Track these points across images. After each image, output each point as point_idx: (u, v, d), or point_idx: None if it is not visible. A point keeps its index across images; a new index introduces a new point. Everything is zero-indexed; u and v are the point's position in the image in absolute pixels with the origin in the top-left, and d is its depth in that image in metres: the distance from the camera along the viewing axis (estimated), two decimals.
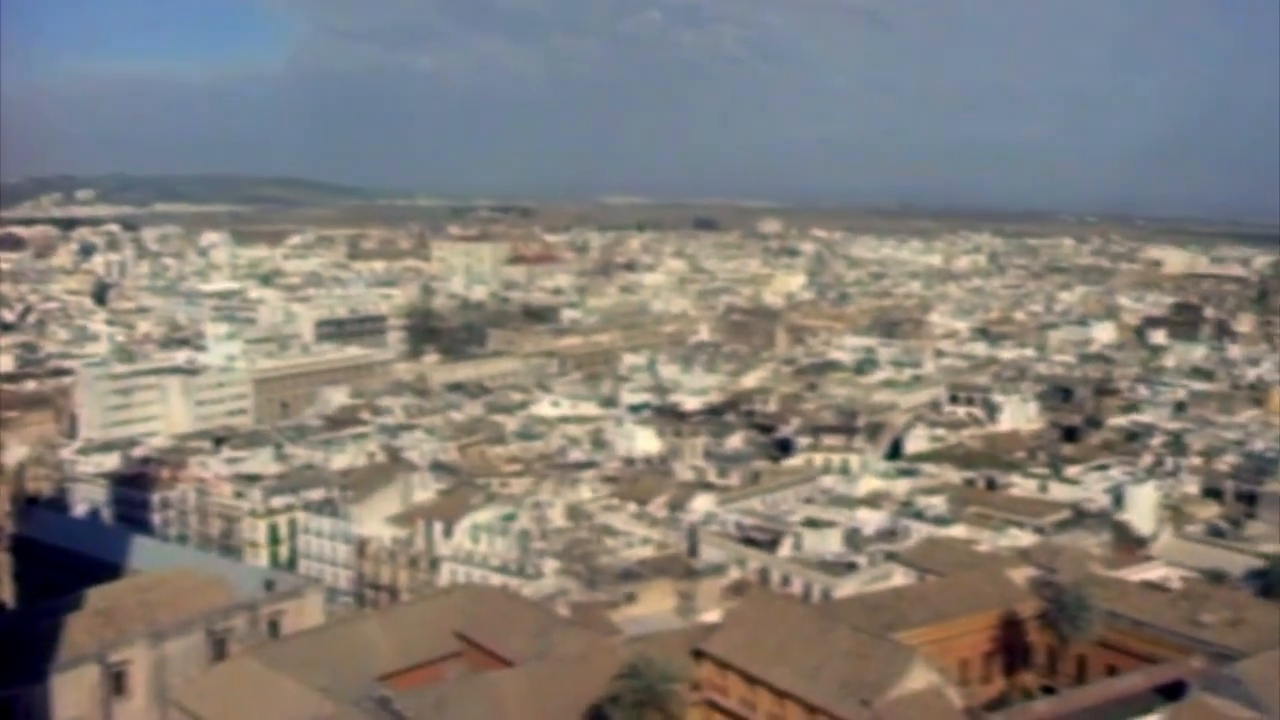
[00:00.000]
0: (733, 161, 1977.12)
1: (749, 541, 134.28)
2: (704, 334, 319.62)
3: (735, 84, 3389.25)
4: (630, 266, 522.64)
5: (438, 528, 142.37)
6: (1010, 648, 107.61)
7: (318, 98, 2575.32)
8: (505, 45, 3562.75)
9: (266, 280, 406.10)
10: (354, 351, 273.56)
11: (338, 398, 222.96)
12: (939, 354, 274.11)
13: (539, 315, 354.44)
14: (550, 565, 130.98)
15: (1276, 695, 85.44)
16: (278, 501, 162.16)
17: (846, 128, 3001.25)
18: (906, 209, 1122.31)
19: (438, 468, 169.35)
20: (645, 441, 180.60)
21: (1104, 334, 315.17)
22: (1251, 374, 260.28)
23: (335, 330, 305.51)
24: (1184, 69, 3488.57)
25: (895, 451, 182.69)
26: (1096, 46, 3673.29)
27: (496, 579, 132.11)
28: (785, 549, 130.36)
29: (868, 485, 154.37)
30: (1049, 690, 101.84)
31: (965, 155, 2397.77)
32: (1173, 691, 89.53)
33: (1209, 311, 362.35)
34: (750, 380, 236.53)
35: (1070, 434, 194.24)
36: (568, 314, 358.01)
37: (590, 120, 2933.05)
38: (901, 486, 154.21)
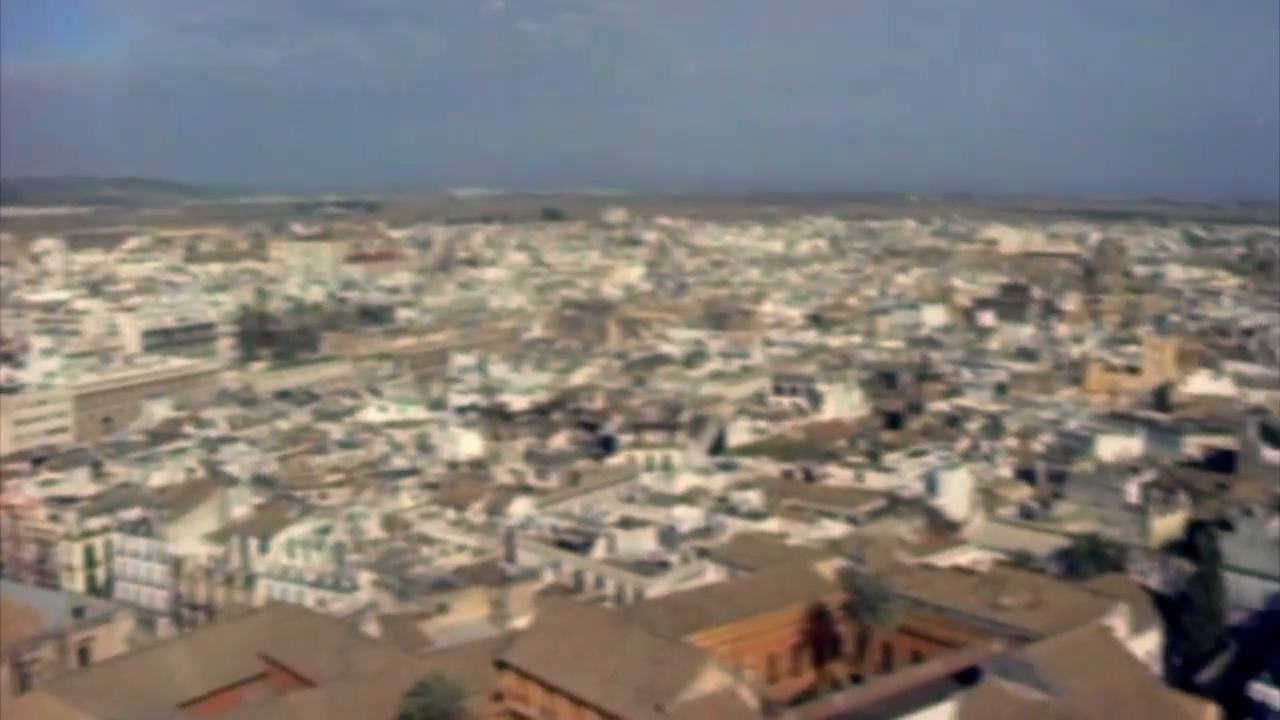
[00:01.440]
0: (582, 151, 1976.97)
1: (564, 545, 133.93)
2: (537, 330, 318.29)
3: (583, 73, 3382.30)
4: (472, 262, 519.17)
5: (253, 544, 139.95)
6: (818, 640, 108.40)
7: (159, 94, 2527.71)
8: (350, 37, 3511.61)
9: (96, 289, 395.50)
10: (179, 362, 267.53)
11: (161, 411, 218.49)
12: (769, 343, 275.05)
13: (375, 316, 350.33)
14: (365, 578, 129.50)
15: (1066, 676, 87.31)
16: (94, 523, 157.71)
17: (696, 114, 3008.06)
18: (756, 194, 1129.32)
19: (258, 481, 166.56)
20: (469, 445, 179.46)
21: (934, 317, 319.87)
22: (1076, 352, 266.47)
23: (164, 340, 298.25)
24: (1025, 48, 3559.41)
25: (720, 445, 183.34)
26: (941, 27, 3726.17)
27: (312, 594, 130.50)
28: (599, 551, 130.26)
29: (686, 482, 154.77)
30: (858, 679, 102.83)
31: (814, 139, 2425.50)
32: (969, 677, 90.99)
33: (1037, 291, 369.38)
34: (580, 377, 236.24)
35: (893, 421, 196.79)
36: (404, 314, 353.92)
37: (438, 112, 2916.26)
38: (719, 482, 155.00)
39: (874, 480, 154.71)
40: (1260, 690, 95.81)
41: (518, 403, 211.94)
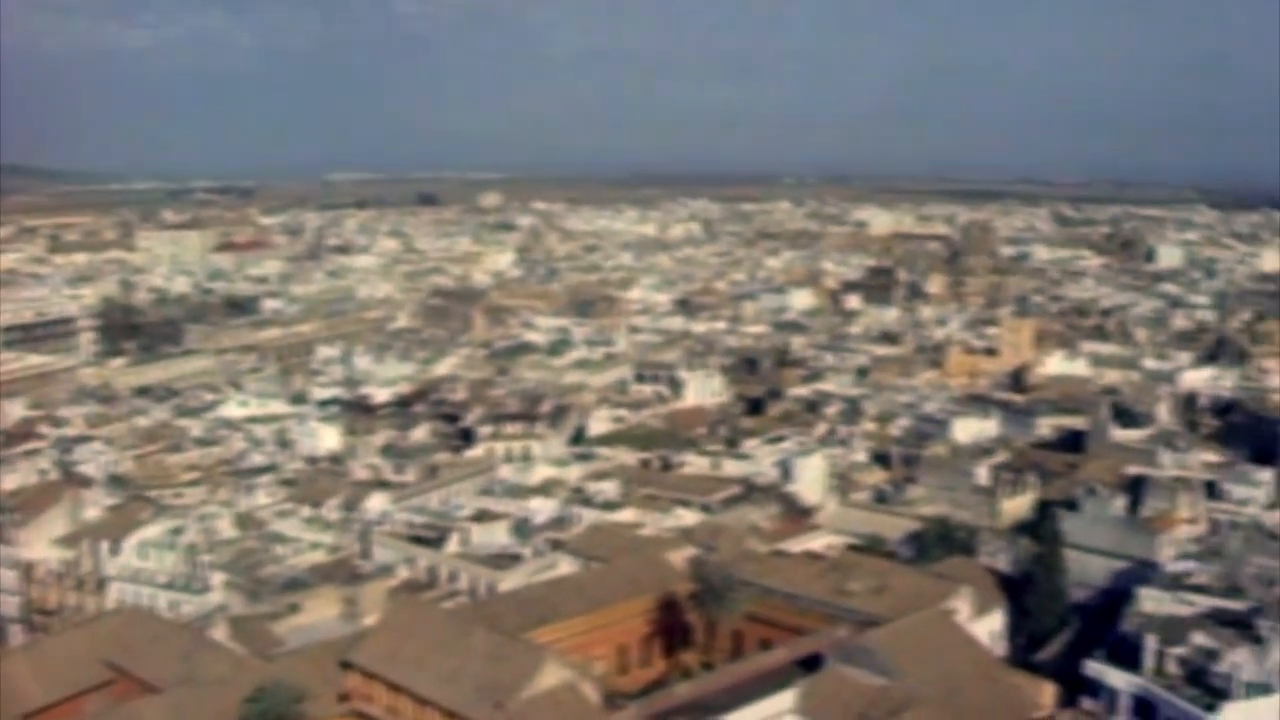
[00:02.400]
0: (460, 133, 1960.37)
1: (419, 540, 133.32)
2: (403, 320, 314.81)
3: (460, 54, 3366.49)
4: (344, 249, 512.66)
5: (104, 547, 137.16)
6: (669, 629, 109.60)
7: (25, 77, 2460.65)
8: (222, 18, 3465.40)
9: None
10: (37, 359, 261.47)
11: (15, 411, 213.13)
12: (634, 330, 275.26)
13: (242, 307, 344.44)
14: (217, 579, 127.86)
15: (907, 660, 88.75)
16: None
17: (574, 95, 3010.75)
18: (634, 176, 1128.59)
19: (113, 481, 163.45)
20: (329, 439, 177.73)
21: (801, 301, 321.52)
22: (939, 334, 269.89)
23: (22, 336, 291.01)
24: (902, 30, 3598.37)
25: (581, 435, 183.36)
26: (817, 8, 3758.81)
27: (165, 597, 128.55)
28: (453, 545, 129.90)
29: (543, 473, 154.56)
30: (709, 668, 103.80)
31: (692, 120, 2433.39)
32: (813, 663, 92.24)
33: (902, 274, 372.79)
34: (443, 367, 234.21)
35: (754, 407, 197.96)
36: (270, 304, 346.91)
37: (313, 95, 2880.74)
38: (576, 472, 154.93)
39: (731, 467, 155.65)
40: (1095, 668, 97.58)
41: (380, 395, 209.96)
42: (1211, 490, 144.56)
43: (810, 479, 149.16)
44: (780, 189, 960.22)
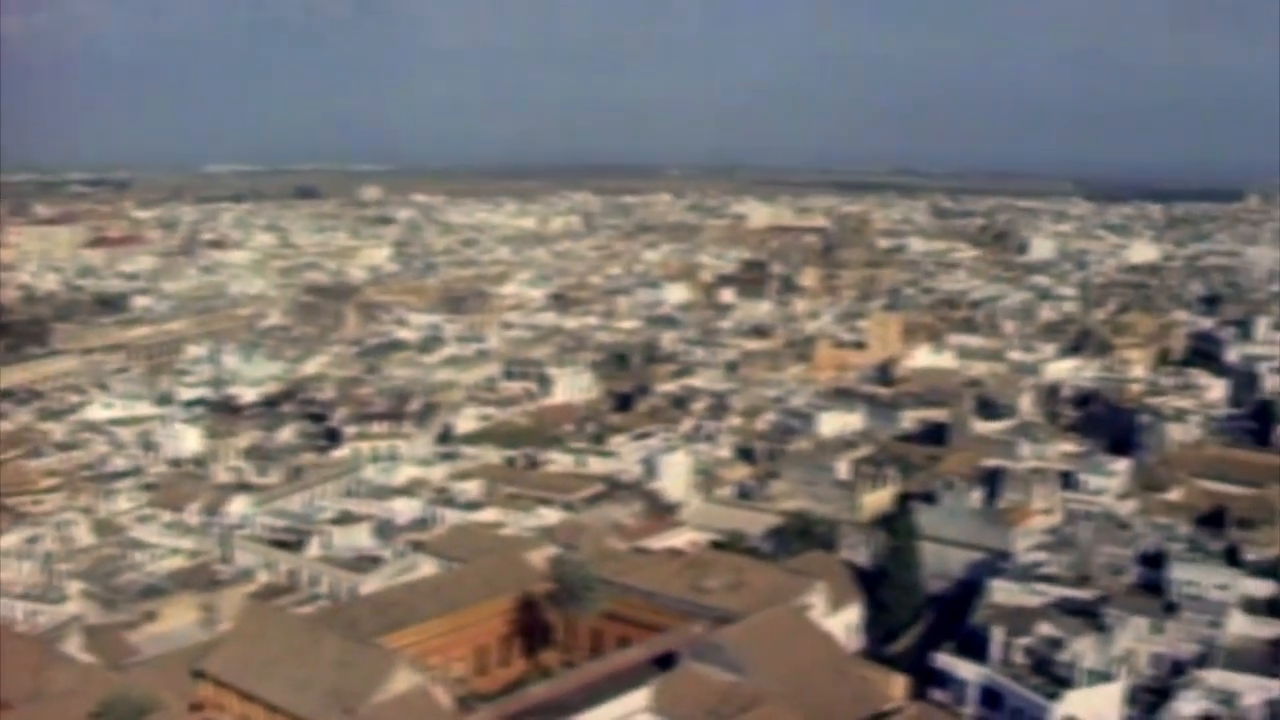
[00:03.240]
0: (341, 124, 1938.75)
1: (280, 544, 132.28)
2: (275, 317, 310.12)
3: (342, 43, 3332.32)
4: (218, 244, 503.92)
5: None
6: (529, 630, 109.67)
7: None
8: (96, 5, 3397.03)
9: None
10: None
11: None
12: (507, 326, 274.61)
13: (111, 304, 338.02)
14: (74, 588, 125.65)
15: (758, 657, 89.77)
16: None
17: (456, 85, 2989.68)
18: (517, 168, 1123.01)
19: None
20: (193, 442, 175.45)
21: (675, 295, 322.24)
22: (811, 328, 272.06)
23: None
24: (785, 19, 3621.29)
25: (449, 434, 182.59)
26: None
27: (21, 607, 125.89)
28: (314, 548, 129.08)
29: (407, 473, 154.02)
30: (571, 666, 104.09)
31: (576, 111, 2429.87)
32: (669, 661, 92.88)
33: (776, 267, 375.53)
34: (312, 366, 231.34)
35: (623, 403, 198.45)
36: (141, 301, 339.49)
37: (191, 84, 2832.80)
38: (440, 472, 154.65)
39: (596, 465, 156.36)
40: (944, 660, 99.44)
41: (247, 395, 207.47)
42: (1067, 481, 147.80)
43: (674, 476, 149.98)
44: (663, 181, 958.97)
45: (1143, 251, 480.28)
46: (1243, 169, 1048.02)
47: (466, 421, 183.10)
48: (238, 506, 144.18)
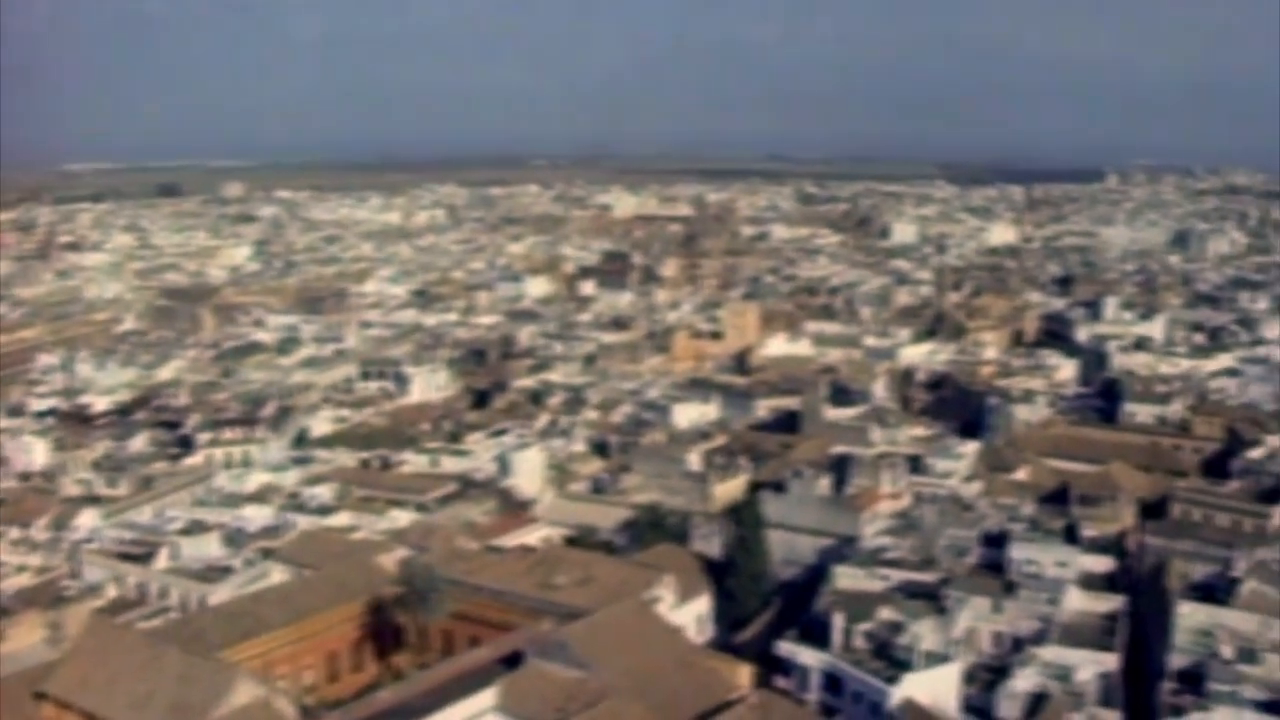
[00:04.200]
0: (203, 119, 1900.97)
1: (129, 557, 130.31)
2: (131, 322, 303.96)
3: (203, 37, 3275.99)
4: (75, 246, 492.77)
5: None
6: (380, 634, 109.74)
7: None
8: None
9: None
10: None
11: None
12: (366, 325, 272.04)
13: None
14: None
15: (603, 652, 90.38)
16: None
17: (321, 78, 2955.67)
18: (383, 161, 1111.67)
19: None
20: (42, 454, 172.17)
21: (537, 288, 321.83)
22: (672, 318, 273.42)
23: None
24: (654, 6, 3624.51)
25: (305, 438, 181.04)
26: None
27: None
28: (163, 560, 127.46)
29: (259, 480, 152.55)
30: (426, 668, 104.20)
31: (443, 102, 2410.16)
32: (516, 660, 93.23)
33: (637, 258, 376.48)
34: (168, 371, 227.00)
35: (480, 400, 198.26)
36: None
37: (49, 81, 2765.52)
38: (294, 477, 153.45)
39: (450, 464, 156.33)
40: (787, 648, 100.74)
41: (100, 404, 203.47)
42: (917, 465, 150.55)
43: (528, 472, 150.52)
44: (531, 171, 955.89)
45: (1002, 234, 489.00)
46: (1104, 150, 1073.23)
47: (322, 424, 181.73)
48: (86, 520, 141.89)
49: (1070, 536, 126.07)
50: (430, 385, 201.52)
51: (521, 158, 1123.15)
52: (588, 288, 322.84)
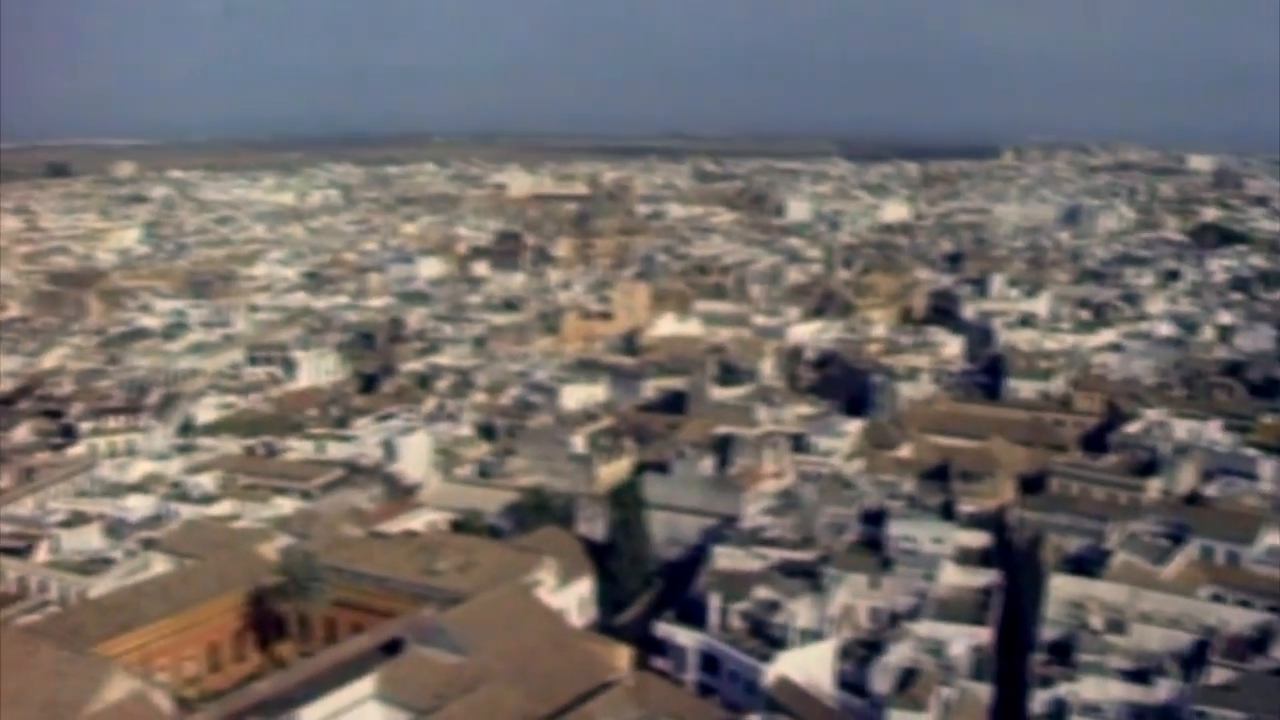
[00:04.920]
0: (95, 97, 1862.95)
1: (7, 550, 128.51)
2: (15, 308, 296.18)
3: (92, 10, 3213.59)
4: None
5: None
6: (262, 623, 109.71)
7: None
8: None
9: None
10: None
11: None
12: (254, 309, 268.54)
13: None
14: None
15: (482, 637, 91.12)
16: None
17: (216, 54, 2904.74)
18: (279, 140, 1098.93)
19: None
20: None
21: (430, 269, 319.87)
22: (565, 299, 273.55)
23: None
24: None
25: (190, 425, 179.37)
26: None
27: None
28: (42, 553, 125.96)
29: (143, 469, 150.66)
30: (308, 656, 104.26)
31: (342, 78, 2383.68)
32: (397, 647, 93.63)
33: (530, 238, 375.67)
34: (52, 359, 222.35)
35: (369, 384, 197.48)
36: None
37: None
38: (178, 465, 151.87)
39: (336, 450, 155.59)
40: (664, 629, 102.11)
41: None
42: (801, 443, 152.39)
43: (414, 457, 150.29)
44: (429, 150, 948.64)
45: (896, 211, 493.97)
46: (1001, 127, 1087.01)
47: (207, 411, 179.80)
48: None
49: (948, 513, 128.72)
50: (318, 370, 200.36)
51: (420, 135, 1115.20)
52: (480, 268, 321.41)
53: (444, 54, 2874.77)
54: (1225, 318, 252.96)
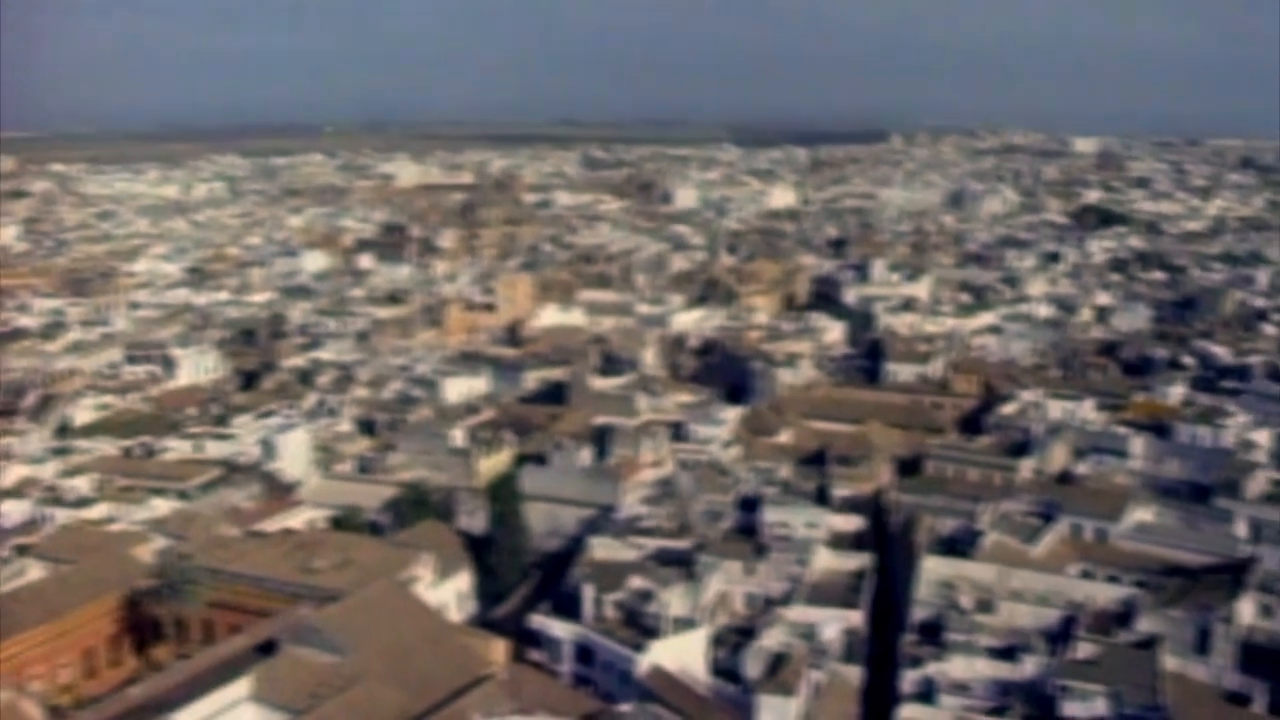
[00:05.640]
0: None
1: None
2: None
3: None
4: None
5: None
6: (138, 627, 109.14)
7: None
8: None
9: None
10: None
11: None
12: (134, 306, 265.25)
13: None
14: None
15: (357, 635, 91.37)
16: None
17: (99, 43, 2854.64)
18: (165, 131, 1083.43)
19: None
20: None
21: (313, 263, 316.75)
22: (449, 290, 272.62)
23: None
24: None
25: (68, 426, 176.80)
26: None
27: None
28: None
29: (17, 473, 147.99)
30: (185, 659, 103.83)
31: (230, 67, 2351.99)
32: (272, 647, 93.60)
33: (415, 229, 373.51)
34: None
35: (250, 381, 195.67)
36: None
37: None
38: (53, 468, 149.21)
39: (215, 449, 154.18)
40: (539, 621, 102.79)
41: None
42: (680, 432, 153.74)
43: (294, 454, 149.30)
44: (318, 140, 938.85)
45: (783, 196, 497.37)
46: (891, 111, 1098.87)
47: (85, 412, 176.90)
48: None
49: (823, 498, 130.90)
50: (198, 368, 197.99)
51: (310, 125, 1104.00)
52: (366, 261, 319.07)
53: (336, 41, 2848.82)
54: (1103, 298, 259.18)
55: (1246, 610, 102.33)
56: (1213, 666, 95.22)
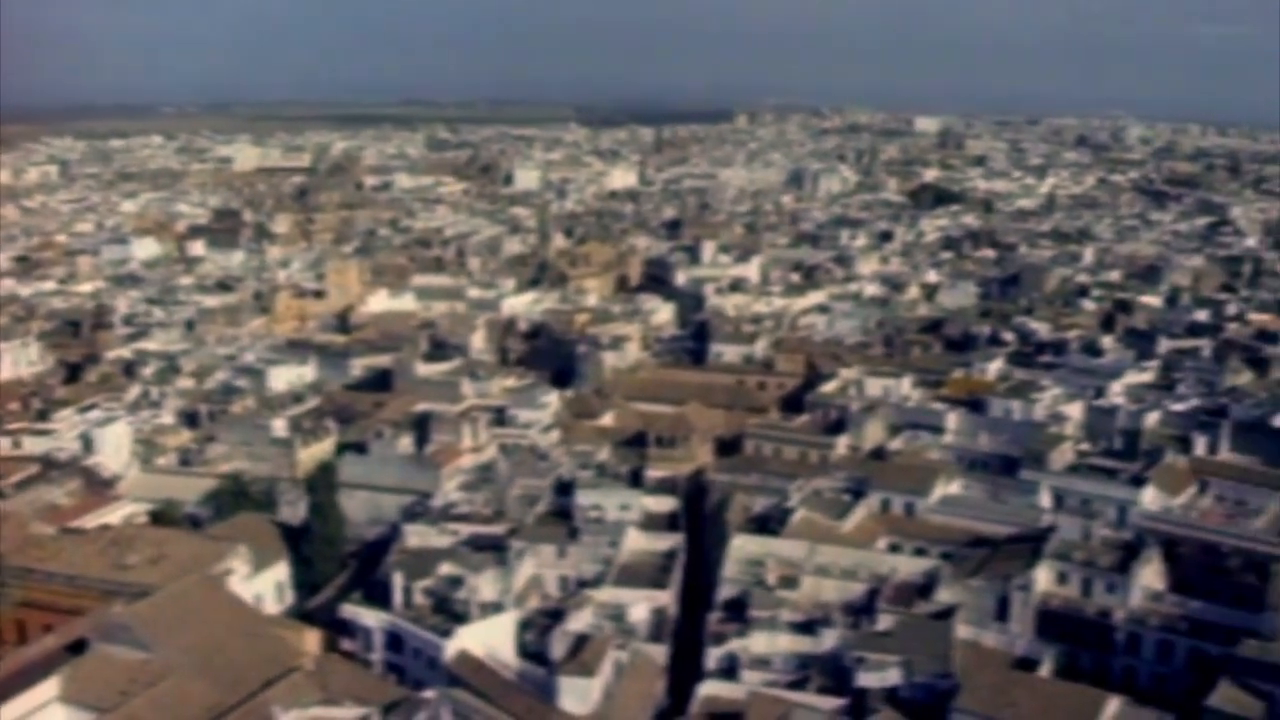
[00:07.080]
0: None
1: None
2: None
3: None
4: None
5: None
6: None
7: None
8: None
9: None
10: None
11: None
12: None
13: None
14: None
15: (167, 631, 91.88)
16: None
17: None
18: None
19: None
20: None
21: (144, 250, 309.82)
22: (282, 277, 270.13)
23: None
24: None
25: None
26: None
27: None
28: None
29: None
30: None
31: (66, 46, 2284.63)
32: (83, 646, 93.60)
33: (248, 214, 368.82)
34: None
35: (74, 374, 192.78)
36: None
37: None
38: None
39: (33, 445, 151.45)
40: (350, 610, 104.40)
41: None
42: (503, 417, 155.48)
43: (114, 448, 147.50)
44: (157, 121, 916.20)
45: (623, 177, 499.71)
46: (737, 91, 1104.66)
47: None
48: None
49: (636, 480, 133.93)
50: (20, 361, 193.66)
51: (148, 107, 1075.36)
52: (198, 248, 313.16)
53: (174, 19, 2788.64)
54: (932, 276, 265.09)
55: (1044, 578, 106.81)
56: (1009, 634, 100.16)
